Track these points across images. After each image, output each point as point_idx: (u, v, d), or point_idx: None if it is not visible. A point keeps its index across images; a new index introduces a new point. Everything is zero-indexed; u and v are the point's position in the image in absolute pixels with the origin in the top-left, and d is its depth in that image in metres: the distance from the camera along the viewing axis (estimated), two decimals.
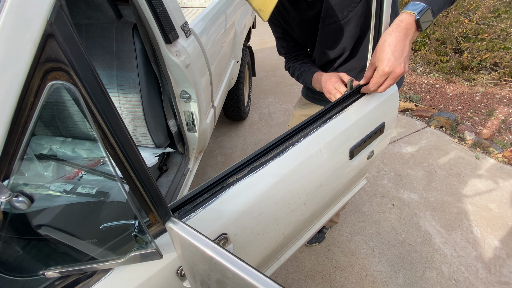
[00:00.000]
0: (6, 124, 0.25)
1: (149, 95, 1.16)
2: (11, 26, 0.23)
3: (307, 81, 0.99)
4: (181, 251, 0.29)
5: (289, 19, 0.93)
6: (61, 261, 0.36)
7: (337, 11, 0.84)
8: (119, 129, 0.30)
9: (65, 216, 0.48)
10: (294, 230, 0.64)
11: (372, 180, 2.14)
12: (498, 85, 3.04)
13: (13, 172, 0.27)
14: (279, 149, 0.54)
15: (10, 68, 0.24)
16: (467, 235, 1.73)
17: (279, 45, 1.07)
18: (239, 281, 0.23)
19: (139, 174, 0.33)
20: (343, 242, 1.74)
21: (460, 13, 2.98)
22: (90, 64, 0.27)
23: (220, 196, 0.46)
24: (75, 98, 0.26)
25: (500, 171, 2.14)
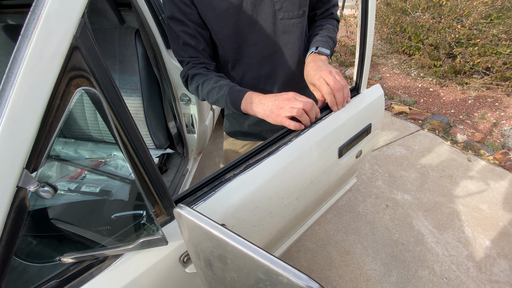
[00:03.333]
0: (37, 123, 0.29)
1: (150, 98, 1.21)
2: (44, 39, 0.27)
3: (232, 99, 0.68)
4: (187, 232, 0.32)
5: (213, 0, 0.68)
6: (75, 248, 0.40)
7: (293, 5, 0.72)
8: (131, 128, 0.34)
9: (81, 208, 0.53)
10: (288, 224, 0.69)
11: (366, 181, 2.19)
12: (491, 89, 3.11)
13: (40, 165, 0.31)
14: (272, 147, 0.59)
15: (42, 75, 0.28)
16: (459, 235, 1.78)
17: (184, 42, 0.72)
18: (237, 253, 0.27)
19: (148, 170, 0.37)
20: (338, 242, 1.78)
21: (453, 18, 3.05)
22: (108, 72, 0.31)
23: (219, 190, 0.50)
24: (95, 101, 0.30)
25: (491, 172, 2.19)
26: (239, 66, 0.77)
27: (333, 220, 1.92)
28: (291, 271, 0.25)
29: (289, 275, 0.24)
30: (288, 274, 0.24)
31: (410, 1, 3.40)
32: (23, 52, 0.27)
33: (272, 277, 0.25)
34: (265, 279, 0.27)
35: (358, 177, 2.24)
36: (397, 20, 3.58)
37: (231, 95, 0.66)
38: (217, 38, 0.73)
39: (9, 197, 0.30)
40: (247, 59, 0.75)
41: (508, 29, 2.73)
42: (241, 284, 0.30)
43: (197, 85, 0.72)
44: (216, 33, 0.72)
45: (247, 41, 0.73)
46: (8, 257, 0.33)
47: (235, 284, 0.31)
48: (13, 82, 0.27)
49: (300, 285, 0.24)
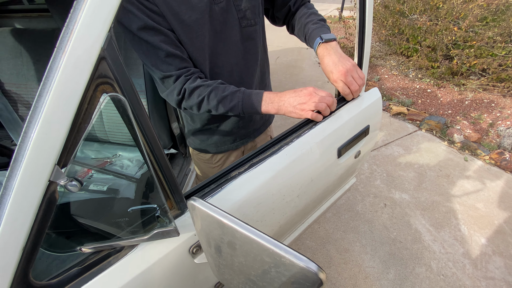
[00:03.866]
0: (68, 125, 0.33)
1: (155, 100, 1.24)
2: (76, 51, 0.31)
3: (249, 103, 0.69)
4: (200, 222, 0.36)
5: (181, 11, 0.65)
6: (94, 239, 0.43)
7: (252, 13, 0.75)
8: (149, 131, 0.38)
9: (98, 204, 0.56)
10: (289, 221, 0.72)
11: (365, 181, 2.23)
12: (487, 90, 3.16)
13: (70, 162, 0.35)
14: (275, 147, 0.63)
15: (73, 83, 0.32)
16: (455, 233, 1.82)
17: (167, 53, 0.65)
18: (245, 239, 0.31)
19: (163, 168, 0.41)
20: (337, 240, 1.82)
21: (450, 21, 3.10)
22: (130, 79, 0.35)
23: (225, 187, 0.54)
24: (118, 105, 0.34)
25: (488, 172, 2.23)
26: (210, 76, 0.76)
27: (332, 219, 1.96)
28: (292, 253, 0.28)
29: (291, 256, 0.28)
30: (290, 256, 0.28)
31: (408, 4, 3.45)
32: (57, 62, 0.31)
33: (276, 259, 0.29)
34: (270, 262, 0.30)
35: (357, 176, 2.27)
36: (395, 22, 3.63)
37: (247, 101, 0.68)
38: (187, 49, 0.69)
39: (42, 190, 0.34)
40: (217, 68, 0.76)
41: (503, 32, 2.78)
42: (248, 267, 0.34)
43: (201, 99, 0.69)
44: (186, 44, 0.68)
45: (215, 51, 0.73)
46: (38, 244, 0.36)
47: (243, 268, 0.35)
48: (48, 88, 0.31)
49: (301, 265, 0.27)
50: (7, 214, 0.32)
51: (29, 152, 0.31)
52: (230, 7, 0.71)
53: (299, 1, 0.85)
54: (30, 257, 0.36)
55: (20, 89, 1.41)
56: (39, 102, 0.31)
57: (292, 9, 0.85)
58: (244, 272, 0.35)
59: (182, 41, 0.68)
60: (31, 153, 0.31)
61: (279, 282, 0.31)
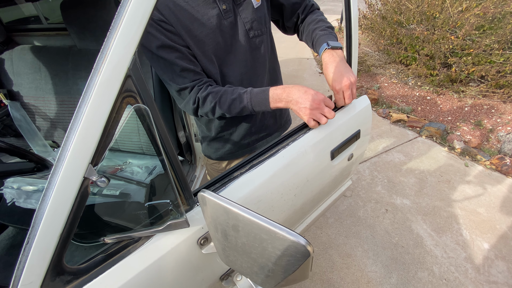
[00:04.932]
0: (100, 130, 0.40)
1: (163, 110, 1.33)
2: (109, 72, 0.39)
3: (257, 101, 0.74)
4: (209, 210, 0.42)
5: (193, 28, 0.72)
6: (113, 232, 0.50)
7: (259, 24, 0.80)
8: (165, 136, 0.45)
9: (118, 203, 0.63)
10: (288, 219, 0.78)
11: (366, 187, 2.27)
12: (487, 96, 3.20)
13: (100, 162, 0.42)
14: (273, 150, 0.70)
15: (106, 96, 0.40)
16: (457, 238, 1.84)
17: (182, 68, 0.72)
18: (247, 221, 0.37)
19: (175, 169, 0.48)
20: (339, 245, 1.85)
21: (447, 30, 3.18)
22: (149, 93, 0.42)
23: (229, 186, 0.61)
24: (140, 114, 0.41)
25: (488, 177, 2.26)
26: (222, 84, 0.81)
27: (334, 224, 1.99)
28: (285, 230, 0.34)
29: (284, 232, 0.34)
30: (283, 232, 0.34)
31: (405, 15, 3.56)
32: (94, 80, 0.39)
33: (272, 235, 0.35)
34: (267, 238, 0.36)
35: (358, 183, 2.32)
36: (393, 32, 3.73)
37: (255, 100, 0.73)
38: (200, 61, 0.76)
39: (78, 185, 0.41)
40: (228, 77, 0.82)
41: (500, 39, 2.85)
42: (250, 246, 0.39)
43: (213, 105, 0.75)
44: (199, 57, 0.75)
45: (226, 61, 0.79)
46: (71, 232, 0.43)
47: (245, 248, 0.41)
48: (87, 101, 0.38)
49: (292, 239, 0.33)
50: (50, 205, 0.40)
51: (70, 153, 0.39)
52: (238, 20, 0.77)
53: (308, 8, 0.89)
54: (64, 243, 0.43)
55: (38, 101, 1.51)
56: (79, 111, 0.38)
57: (301, 16, 0.89)
58: (246, 252, 0.41)
59: (195, 54, 0.75)
60: (71, 154, 0.39)
61: (275, 257, 0.37)
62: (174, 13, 0.70)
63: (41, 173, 0.89)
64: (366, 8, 4.18)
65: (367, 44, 4.81)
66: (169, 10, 0.70)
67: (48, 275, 0.41)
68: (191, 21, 0.72)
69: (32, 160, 0.85)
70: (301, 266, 0.35)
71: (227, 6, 0.75)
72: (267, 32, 0.86)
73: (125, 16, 0.38)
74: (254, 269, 0.42)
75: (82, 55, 1.36)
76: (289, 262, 0.36)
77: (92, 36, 1.23)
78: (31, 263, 0.39)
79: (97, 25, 1.18)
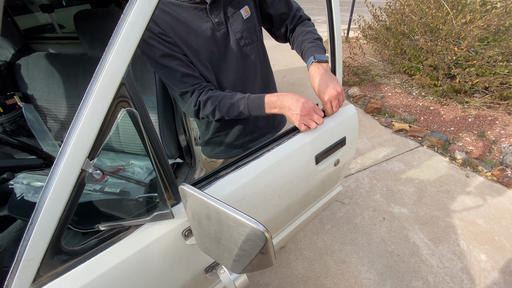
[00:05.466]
0: (97, 130, 0.47)
1: (165, 114, 1.41)
2: (107, 80, 0.46)
3: (254, 107, 0.81)
4: (187, 200, 0.48)
5: (189, 39, 0.80)
6: (108, 219, 0.56)
7: (249, 33, 0.87)
8: (154, 136, 0.52)
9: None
10: (273, 218, 0.83)
11: (364, 195, 2.29)
12: (492, 107, 3.19)
13: (96, 157, 0.49)
14: (258, 153, 0.75)
15: (103, 101, 0.46)
16: (454, 248, 1.83)
17: (182, 73, 0.80)
18: (216, 210, 0.42)
19: (163, 166, 0.54)
20: (334, 251, 1.87)
21: (451, 41, 3.21)
22: (140, 98, 0.49)
23: (214, 184, 0.66)
24: (132, 117, 0.48)
25: (489, 188, 2.24)
26: (218, 89, 0.89)
27: (331, 230, 2.01)
28: (247, 217, 0.40)
29: (246, 220, 0.39)
30: (245, 219, 0.39)
31: (408, 26, 3.60)
32: (93, 87, 0.45)
33: (237, 222, 0.40)
34: (233, 225, 0.41)
35: (356, 190, 2.33)
36: (396, 43, 3.77)
37: (251, 105, 0.80)
38: (198, 69, 0.84)
39: (76, 176, 0.47)
40: (222, 83, 0.89)
41: (504, 51, 2.86)
42: (219, 232, 0.45)
43: (213, 108, 0.82)
44: (196, 64, 0.83)
45: (219, 68, 0.87)
46: (69, 216, 0.49)
47: (217, 234, 0.46)
48: (86, 104, 0.45)
49: (252, 225, 0.39)
50: (52, 192, 0.46)
51: (71, 148, 0.45)
52: (230, 31, 0.85)
53: (296, 20, 0.95)
54: (63, 226, 0.49)
55: (50, 104, 1.62)
56: (80, 113, 0.45)
57: (289, 27, 0.96)
58: (217, 238, 0.46)
59: (193, 62, 0.83)
60: (72, 148, 0.45)
61: (240, 242, 0.42)
62: (172, 27, 0.79)
63: (48, 169, 0.97)
64: (371, 19, 4.24)
65: (373, 54, 4.86)
66: (167, 24, 0.79)
67: (48, 253, 0.48)
68: (187, 33, 0.80)
69: (41, 156, 0.94)
70: (262, 251, 0.40)
71: (219, 19, 0.83)
72: (257, 40, 0.93)
73: (121, 34, 0.45)
74: (224, 254, 0.47)
75: (92, 62, 1.47)
76: (251, 246, 0.41)
77: (102, 45, 1.33)
78: (34, 242, 0.46)
79: (107, 35, 1.27)
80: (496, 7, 3.04)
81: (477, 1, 3.08)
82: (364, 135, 3.04)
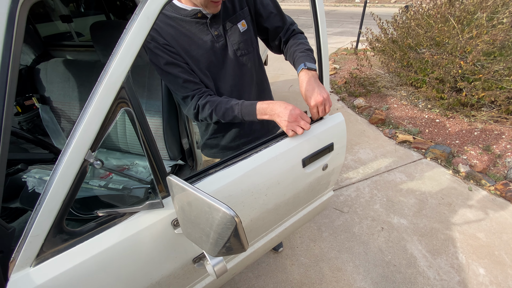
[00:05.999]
0: (99, 125, 0.55)
1: (169, 118, 1.49)
2: (109, 84, 0.54)
3: (246, 113, 0.89)
4: (173, 190, 0.54)
5: (191, 49, 0.89)
6: (106, 206, 0.63)
7: (245, 45, 0.96)
8: (148, 133, 0.59)
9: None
10: (260, 217, 0.88)
11: (364, 204, 2.30)
12: (499, 122, 3.16)
13: (97, 149, 0.56)
14: (246, 154, 0.81)
15: (105, 101, 0.54)
16: (452, 261, 1.81)
17: (184, 79, 0.89)
18: (194, 197, 0.48)
19: (156, 161, 0.61)
20: (331, 259, 1.88)
21: (457, 55, 3.22)
22: (138, 100, 0.57)
23: (203, 180, 0.73)
24: (129, 115, 0.55)
25: (492, 203, 2.22)
26: (216, 94, 0.98)
27: (328, 238, 2.03)
28: (219, 203, 0.45)
29: (219, 205, 0.45)
30: (218, 205, 0.45)
31: (414, 40, 3.64)
32: (98, 89, 0.53)
33: (212, 207, 0.46)
34: (208, 210, 0.47)
35: (356, 199, 2.35)
36: (403, 56, 3.81)
37: (244, 111, 0.88)
38: (198, 76, 0.93)
39: (79, 165, 0.55)
40: (220, 89, 0.98)
41: (510, 66, 2.85)
42: (198, 217, 0.51)
43: (210, 111, 0.90)
44: (196, 72, 0.92)
45: (219, 76, 0.96)
46: (72, 200, 0.57)
47: (196, 220, 0.52)
48: (91, 103, 0.53)
49: (223, 210, 0.45)
50: (57, 178, 0.54)
51: (76, 140, 0.53)
52: (228, 42, 0.94)
53: (289, 33, 1.04)
54: (66, 208, 0.57)
55: (64, 106, 1.74)
56: (85, 111, 0.53)
57: (283, 39, 1.04)
58: (196, 223, 0.52)
59: (194, 70, 0.92)
60: (77, 141, 0.53)
61: (214, 225, 0.48)
62: (175, 39, 0.89)
63: None
64: (379, 32, 4.31)
65: (380, 66, 4.89)
66: (171, 36, 0.88)
67: (51, 232, 0.55)
68: (189, 44, 0.90)
69: (52, 151, 1.03)
70: (233, 235, 0.46)
71: (218, 32, 0.92)
72: (253, 51, 1.01)
73: (123, 45, 0.53)
74: (203, 238, 0.52)
75: None
76: (223, 229, 0.46)
77: None
78: (40, 220, 0.53)
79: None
80: (503, 22, 3.05)
81: (484, 16, 3.10)
82: (367, 145, 3.06)
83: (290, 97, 4.30)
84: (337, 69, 5.35)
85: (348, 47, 6.72)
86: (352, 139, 3.17)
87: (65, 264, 0.57)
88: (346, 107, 3.96)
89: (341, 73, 5.17)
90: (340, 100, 4.15)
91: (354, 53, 5.30)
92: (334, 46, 7.21)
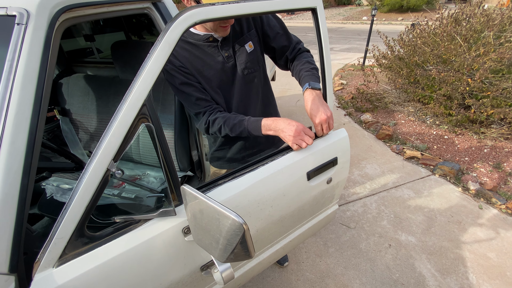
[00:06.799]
0: (122, 139, 0.61)
1: (180, 131, 1.57)
2: (132, 102, 0.60)
3: (252, 128, 0.95)
4: (186, 198, 0.58)
5: (203, 70, 0.98)
6: (123, 213, 0.68)
7: (252, 64, 1.03)
8: (165, 147, 0.65)
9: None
10: (266, 228, 0.91)
11: (371, 220, 2.28)
12: (509, 139, 3.12)
13: (118, 159, 0.62)
14: (253, 167, 0.86)
15: (128, 117, 0.61)
16: (462, 281, 1.77)
17: (196, 97, 0.98)
18: (206, 205, 0.52)
19: (171, 172, 0.66)
20: (337, 275, 1.86)
21: (464, 72, 3.24)
22: (157, 116, 0.63)
23: (212, 190, 0.77)
24: (149, 130, 0.61)
25: (503, 222, 2.17)
26: (226, 109, 1.06)
27: (334, 254, 2.01)
28: (229, 211, 0.50)
29: (228, 212, 0.49)
30: (228, 212, 0.50)
31: (421, 57, 3.69)
32: (123, 107, 0.60)
33: (221, 215, 0.50)
34: (218, 217, 0.52)
35: (363, 215, 2.33)
36: (409, 72, 3.85)
37: (250, 126, 0.95)
38: (209, 93, 1.02)
39: (102, 174, 0.61)
40: (228, 104, 1.06)
41: None
42: (209, 224, 0.55)
43: (219, 126, 0.98)
44: (208, 90, 1.01)
45: (228, 93, 1.04)
46: (93, 206, 0.62)
47: (207, 226, 0.56)
48: (117, 118, 0.60)
49: (232, 217, 0.49)
50: (83, 185, 0.59)
51: (101, 151, 0.59)
52: (237, 62, 1.02)
53: (295, 52, 1.12)
54: (88, 214, 0.62)
55: (83, 118, 1.84)
56: (111, 126, 0.59)
57: (289, 57, 1.12)
58: (207, 229, 0.56)
59: (205, 89, 1.01)
60: (102, 152, 0.59)
61: (224, 232, 0.52)
62: (190, 61, 0.98)
63: (78, 172, 1.13)
64: (386, 49, 4.39)
65: (387, 82, 4.94)
66: (186, 59, 0.98)
67: (74, 235, 0.60)
68: (201, 65, 1.00)
69: (74, 161, 1.10)
70: (240, 241, 0.50)
71: (228, 53, 1.00)
72: (260, 69, 1.09)
73: (146, 68, 0.60)
74: (213, 244, 0.56)
75: (122, 84, 1.68)
76: (232, 236, 0.50)
77: (132, 70, 1.55)
78: (65, 223, 0.58)
79: (137, 62, 1.49)
80: (510, 40, 3.08)
81: (491, 34, 3.14)
82: (374, 161, 3.06)
83: (297, 111, 4.37)
84: (344, 84, 5.43)
85: (355, 63, 6.82)
86: (359, 154, 3.18)
87: (84, 266, 0.62)
88: (353, 122, 3.99)
89: (348, 88, 5.23)
90: (347, 115, 4.19)
91: (361, 69, 5.38)
92: (341, 62, 7.33)
